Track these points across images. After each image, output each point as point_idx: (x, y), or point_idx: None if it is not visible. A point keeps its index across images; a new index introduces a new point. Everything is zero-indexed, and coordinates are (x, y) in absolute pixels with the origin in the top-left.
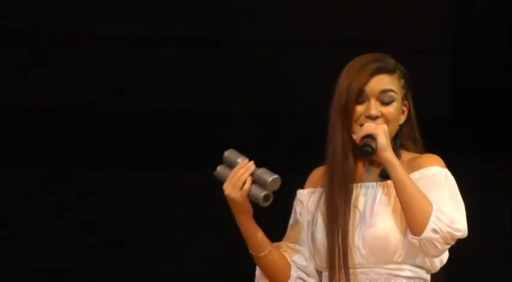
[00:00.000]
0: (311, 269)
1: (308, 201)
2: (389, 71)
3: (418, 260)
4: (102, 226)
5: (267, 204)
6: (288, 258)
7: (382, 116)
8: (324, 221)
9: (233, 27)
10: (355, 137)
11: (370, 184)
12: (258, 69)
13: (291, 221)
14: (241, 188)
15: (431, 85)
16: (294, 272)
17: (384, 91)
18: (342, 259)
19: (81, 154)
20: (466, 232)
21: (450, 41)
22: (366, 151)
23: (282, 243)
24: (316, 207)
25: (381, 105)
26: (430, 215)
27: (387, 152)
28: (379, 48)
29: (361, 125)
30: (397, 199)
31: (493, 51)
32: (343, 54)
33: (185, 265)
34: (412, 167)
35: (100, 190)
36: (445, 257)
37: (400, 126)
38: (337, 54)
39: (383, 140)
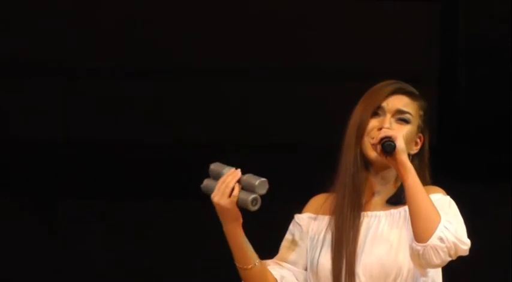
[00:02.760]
0: None
1: (308, 226)
2: (411, 94)
3: None
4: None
5: (255, 208)
6: (275, 274)
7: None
8: (332, 244)
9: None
10: (372, 141)
11: (373, 213)
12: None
13: (285, 242)
14: (230, 195)
15: None
16: None
17: (401, 111)
18: None
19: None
20: (468, 249)
21: (436, 71)
22: (388, 145)
23: (270, 261)
24: (325, 232)
25: (395, 122)
26: (439, 222)
27: (404, 156)
28: (366, 78)
29: (372, 138)
30: (399, 228)
31: (479, 81)
32: (332, 85)
33: None
34: None
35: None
36: None
37: (411, 157)
38: (325, 85)
39: (401, 143)
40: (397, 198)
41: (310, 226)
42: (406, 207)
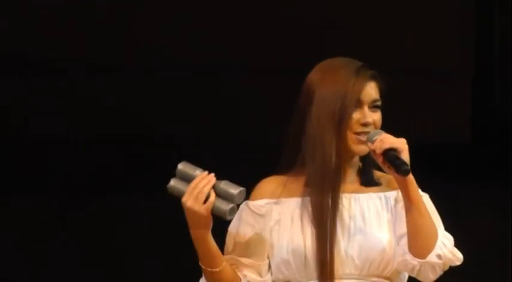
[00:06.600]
0: None
1: (270, 212)
2: (375, 77)
3: (401, 279)
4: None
5: (231, 217)
6: (238, 273)
7: (373, 123)
8: (310, 230)
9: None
10: (373, 147)
11: (350, 195)
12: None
13: (240, 234)
14: (205, 201)
15: (451, 110)
16: None
17: (376, 100)
18: (332, 268)
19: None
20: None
21: (470, 65)
22: (405, 170)
23: (229, 257)
24: (301, 216)
25: (371, 111)
26: (437, 239)
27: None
28: (400, 73)
29: (357, 133)
30: (384, 213)
31: None
32: None
33: None
34: (389, 186)
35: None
36: (404, 279)
37: None
38: None
39: (407, 156)
40: (370, 180)
41: (273, 211)
42: (386, 194)
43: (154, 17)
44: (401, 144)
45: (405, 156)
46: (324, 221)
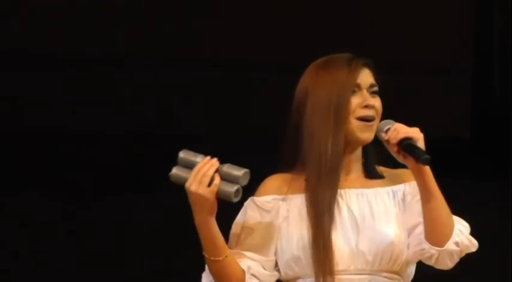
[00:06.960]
0: (268, 278)
1: (277, 208)
2: (369, 65)
3: (408, 274)
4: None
5: (237, 199)
6: (243, 266)
7: (374, 107)
8: (308, 226)
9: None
10: (386, 137)
11: (357, 191)
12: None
13: (245, 229)
14: (210, 185)
15: (451, 109)
16: (248, 280)
17: (373, 84)
18: (329, 264)
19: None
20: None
21: (469, 61)
22: (426, 158)
23: (233, 251)
24: (307, 212)
25: (370, 96)
26: (454, 226)
27: None
28: (399, 69)
29: (360, 118)
30: (391, 207)
31: None
32: None
33: None
34: (395, 180)
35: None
36: (411, 274)
37: None
38: None
39: (423, 144)
40: (373, 173)
41: (281, 208)
42: (393, 188)
43: (155, 16)
44: (416, 133)
45: (421, 144)
46: (320, 216)
